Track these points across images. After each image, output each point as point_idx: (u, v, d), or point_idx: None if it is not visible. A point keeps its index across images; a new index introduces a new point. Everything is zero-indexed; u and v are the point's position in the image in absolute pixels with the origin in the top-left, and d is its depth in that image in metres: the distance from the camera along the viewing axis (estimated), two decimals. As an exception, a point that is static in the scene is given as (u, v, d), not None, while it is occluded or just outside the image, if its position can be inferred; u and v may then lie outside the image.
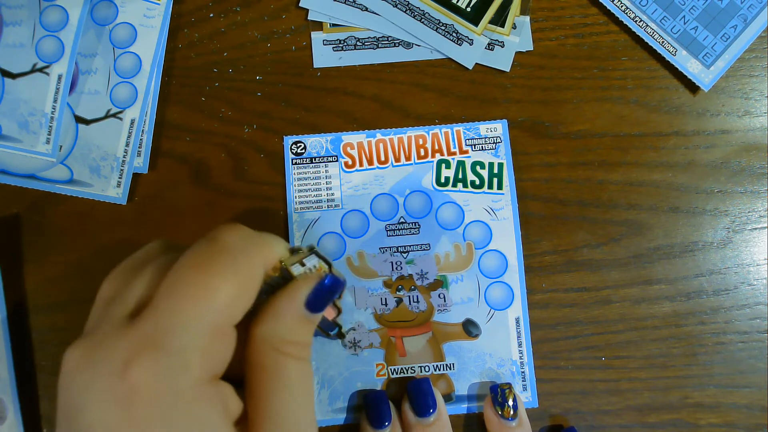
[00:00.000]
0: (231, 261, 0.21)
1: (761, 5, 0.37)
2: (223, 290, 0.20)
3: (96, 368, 0.19)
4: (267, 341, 0.22)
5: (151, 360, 0.19)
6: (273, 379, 0.22)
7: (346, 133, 0.37)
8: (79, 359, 0.20)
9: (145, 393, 0.18)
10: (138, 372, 0.18)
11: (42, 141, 0.35)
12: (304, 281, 0.23)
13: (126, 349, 0.19)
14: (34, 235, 0.37)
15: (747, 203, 0.37)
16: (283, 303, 0.23)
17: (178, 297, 0.20)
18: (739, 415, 0.36)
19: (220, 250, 0.21)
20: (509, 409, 0.33)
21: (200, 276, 0.20)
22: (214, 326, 0.20)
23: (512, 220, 0.36)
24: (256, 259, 0.22)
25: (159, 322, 0.19)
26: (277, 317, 0.22)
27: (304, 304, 0.23)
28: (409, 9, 0.37)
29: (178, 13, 0.38)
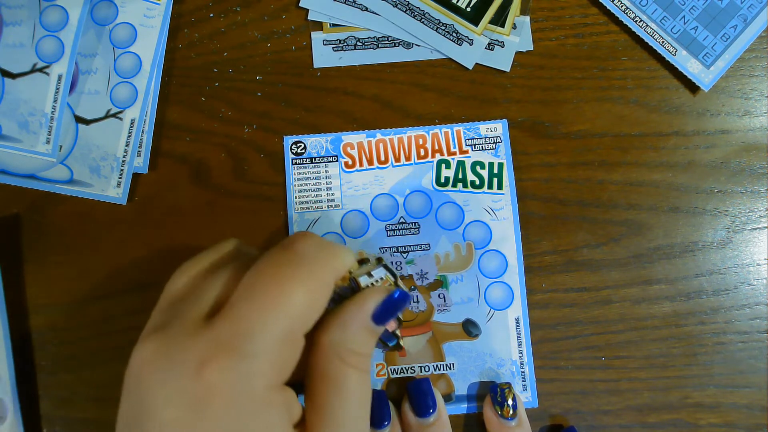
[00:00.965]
0: (306, 269, 0.21)
1: (761, 5, 0.37)
2: (298, 297, 0.20)
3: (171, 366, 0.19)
4: (333, 350, 0.22)
5: (227, 363, 0.19)
6: (335, 388, 0.22)
7: (346, 133, 0.37)
8: (153, 354, 0.20)
9: (219, 395, 0.19)
10: (214, 373, 0.19)
11: (42, 141, 0.35)
12: (373, 293, 0.23)
13: (203, 349, 0.19)
14: (34, 235, 0.37)
15: (747, 203, 0.37)
16: (352, 313, 0.23)
17: (255, 302, 0.20)
18: (739, 415, 0.36)
19: (296, 257, 0.21)
20: (509, 409, 0.33)
21: (277, 282, 0.20)
22: (287, 333, 0.20)
23: (512, 220, 0.36)
24: (328, 268, 0.22)
25: (236, 326, 0.20)
26: (344, 326, 0.23)
27: (371, 316, 0.23)
28: (409, 9, 0.37)
29: (178, 13, 0.38)
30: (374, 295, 0.23)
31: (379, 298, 0.23)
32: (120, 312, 0.36)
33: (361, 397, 0.22)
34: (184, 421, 0.19)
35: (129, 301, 0.36)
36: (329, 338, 0.22)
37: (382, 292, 0.24)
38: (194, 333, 0.20)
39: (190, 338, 0.20)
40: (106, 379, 0.36)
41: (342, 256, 0.23)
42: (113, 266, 0.37)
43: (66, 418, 0.36)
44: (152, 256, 0.37)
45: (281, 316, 0.20)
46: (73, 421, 0.36)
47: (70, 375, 0.36)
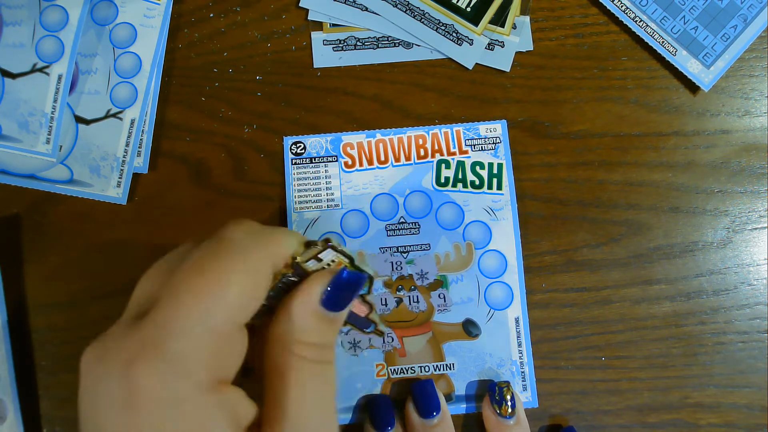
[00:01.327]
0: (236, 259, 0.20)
1: (761, 5, 0.37)
2: (226, 291, 0.19)
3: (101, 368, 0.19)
4: (281, 342, 0.21)
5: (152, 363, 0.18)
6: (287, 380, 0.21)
7: (346, 133, 0.37)
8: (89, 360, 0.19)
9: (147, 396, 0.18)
10: (139, 373, 0.18)
11: (42, 141, 0.35)
12: (319, 277, 0.22)
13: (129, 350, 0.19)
14: (34, 235, 0.37)
15: (747, 203, 0.37)
16: (296, 301, 0.21)
17: (179, 298, 0.19)
18: (739, 415, 0.36)
19: (225, 248, 0.20)
20: (507, 407, 0.33)
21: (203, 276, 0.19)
22: (218, 328, 0.19)
23: (512, 220, 0.36)
24: (263, 255, 0.21)
25: (160, 324, 0.19)
26: (289, 317, 0.21)
27: (320, 302, 0.22)
28: (409, 9, 0.37)
29: (178, 13, 0.38)
30: (319, 280, 0.22)
31: (325, 282, 0.22)
32: (120, 312, 0.36)
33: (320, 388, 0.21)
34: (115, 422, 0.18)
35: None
36: (276, 330, 0.21)
37: (327, 275, 0.22)
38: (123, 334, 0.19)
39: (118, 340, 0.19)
40: (106, 379, 0.36)
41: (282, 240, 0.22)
42: (113, 266, 0.37)
43: (66, 418, 0.36)
44: (152, 256, 0.37)
45: (208, 312, 0.19)
46: (73, 421, 0.36)
47: (70, 375, 0.36)
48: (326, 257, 0.22)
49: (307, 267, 0.22)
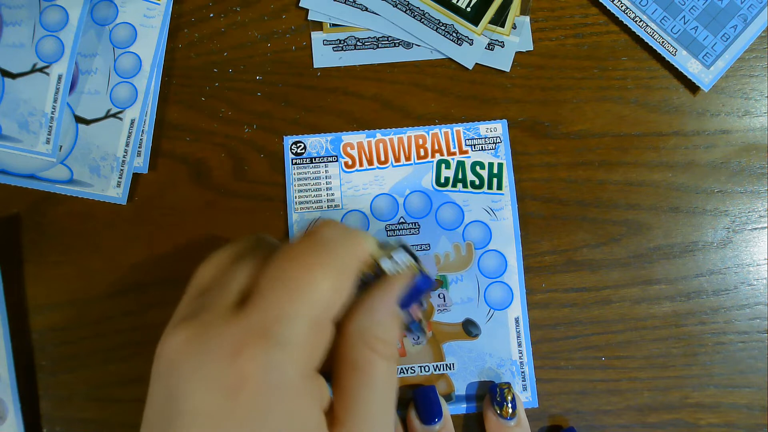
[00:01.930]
0: (332, 256, 0.21)
1: (761, 5, 0.37)
2: (325, 284, 0.20)
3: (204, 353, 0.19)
4: (360, 337, 0.22)
5: (260, 350, 0.19)
6: (363, 375, 0.22)
7: (346, 133, 0.37)
8: (186, 342, 0.20)
9: (253, 382, 0.19)
10: (247, 361, 0.19)
11: (42, 141, 0.35)
12: (400, 278, 0.23)
13: (235, 337, 0.19)
14: (34, 235, 0.37)
15: (747, 203, 0.37)
16: (378, 299, 0.23)
17: (284, 289, 0.20)
18: (739, 415, 0.36)
19: (321, 244, 0.21)
20: (508, 409, 0.33)
21: (304, 269, 0.20)
22: (316, 320, 0.20)
23: (512, 220, 0.36)
24: (353, 254, 0.22)
25: (267, 314, 0.20)
26: (371, 313, 0.22)
27: (398, 302, 0.23)
28: (409, 9, 0.37)
29: (178, 13, 0.38)
30: (400, 281, 0.23)
31: (405, 283, 0.23)
32: (120, 312, 0.36)
33: (388, 385, 0.22)
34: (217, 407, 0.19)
35: (129, 301, 0.36)
36: (356, 325, 0.22)
37: (407, 278, 0.23)
38: (226, 321, 0.20)
39: (222, 326, 0.20)
40: (106, 379, 0.36)
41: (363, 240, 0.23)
42: (113, 266, 0.37)
43: (66, 418, 0.36)
44: (152, 256, 0.37)
45: (310, 303, 0.20)
46: (73, 421, 0.36)
47: (70, 375, 0.36)
48: (398, 258, 0.24)
49: (383, 267, 0.24)
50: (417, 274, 0.24)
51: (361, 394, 0.22)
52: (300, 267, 0.20)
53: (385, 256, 0.24)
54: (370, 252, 0.23)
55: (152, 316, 0.36)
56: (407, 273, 0.24)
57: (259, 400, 0.19)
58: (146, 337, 0.36)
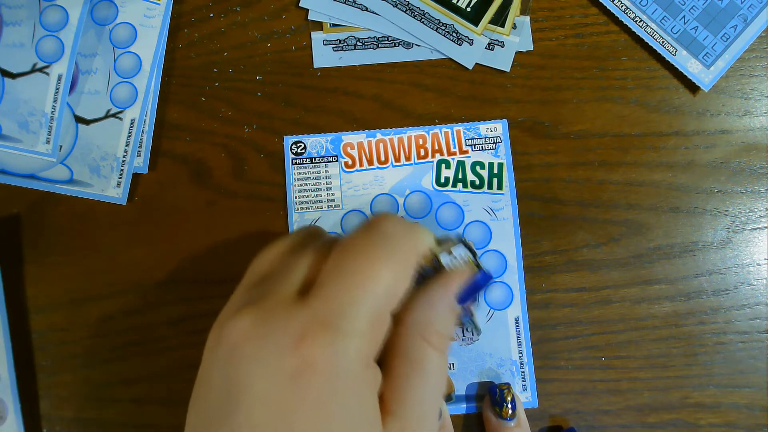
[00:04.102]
0: (392, 249, 0.21)
1: (761, 5, 0.37)
2: (387, 276, 0.20)
3: (268, 340, 0.19)
4: (417, 329, 0.22)
5: (325, 339, 0.19)
6: (417, 367, 0.22)
7: (346, 133, 0.37)
8: (250, 329, 0.20)
9: (317, 370, 0.19)
10: (312, 349, 0.19)
11: (42, 141, 0.35)
12: (459, 274, 0.23)
13: (300, 325, 0.19)
14: (34, 235, 0.37)
15: (747, 203, 0.37)
16: (438, 292, 0.23)
17: (347, 280, 0.20)
18: (739, 415, 0.36)
19: (382, 237, 0.22)
20: (507, 409, 0.33)
21: (366, 261, 0.21)
22: (378, 311, 0.20)
23: (512, 220, 0.36)
24: (413, 248, 0.22)
25: (331, 303, 0.20)
26: (431, 307, 0.23)
27: (456, 297, 0.23)
28: (409, 9, 0.37)
29: (178, 13, 0.38)
30: (460, 276, 0.23)
31: (464, 278, 0.23)
32: (120, 312, 0.36)
33: (438, 377, 0.23)
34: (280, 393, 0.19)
35: (129, 301, 0.36)
36: (414, 318, 0.22)
37: (467, 273, 0.24)
38: (290, 309, 0.20)
39: (286, 313, 0.20)
40: (106, 379, 0.36)
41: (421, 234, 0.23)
42: (113, 266, 0.37)
43: (66, 418, 0.36)
44: (152, 256, 0.37)
45: (372, 295, 0.20)
46: (73, 421, 0.36)
47: (70, 375, 0.36)
48: (456, 252, 0.24)
49: (442, 261, 0.24)
50: (476, 270, 0.24)
51: (413, 384, 0.22)
52: (363, 259, 0.21)
53: (444, 251, 0.24)
54: (429, 246, 0.23)
55: (152, 316, 0.36)
56: (466, 268, 0.24)
57: (322, 387, 0.19)
58: (146, 337, 0.36)
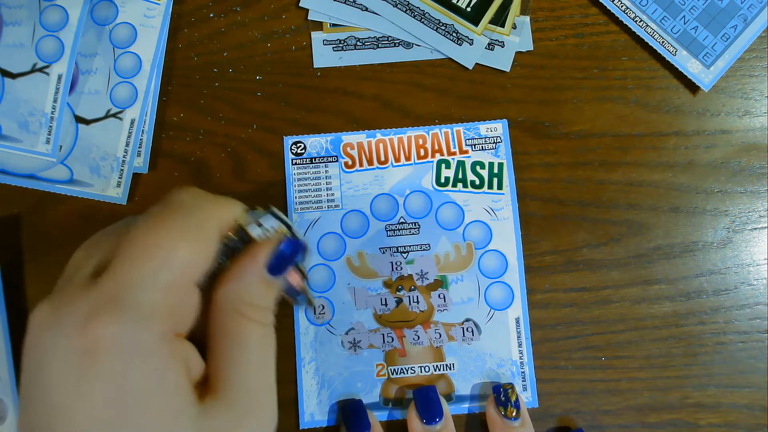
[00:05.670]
0: (185, 219, 0.21)
1: (761, 5, 0.37)
2: (177, 247, 0.20)
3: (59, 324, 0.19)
4: (229, 303, 0.22)
5: (111, 314, 0.19)
6: (232, 340, 0.22)
7: (346, 133, 0.37)
8: (45, 317, 0.20)
9: (105, 347, 0.19)
10: (98, 326, 0.19)
11: (42, 141, 0.35)
12: (266, 243, 0.23)
13: (87, 305, 0.19)
14: (34, 235, 0.37)
15: (747, 203, 0.37)
16: (245, 264, 0.23)
17: (135, 255, 0.20)
18: (739, 415, 0.36)
19: (174, 209, 0.22)
20: (512, 409, 0.33)
21: (154, 235, 0.20)
22: (172, 283, 0.20)
23: (512, 220, 0.36)
24: (210, 217, 0.22)
25: (118, 280, 0.20)
26: (239, 279, 0.22)
27: (266, 267, 0.23)
28: (409, 9, 0.37)
29: (178, 13, 0.38)
30: (267, 245, 0.23)
31: (271, 247, 0.23)
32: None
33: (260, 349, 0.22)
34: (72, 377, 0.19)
35: (129, 301, 0.36)
36: (224, 292, 0.22)
37: (274, 242, 0.23)
38: (80, 292, 0.20)
39: (76, 297, 0.20)
40: (106, 379, 0.36)
41: (226, 206, 0.23)
42: (113, 266, 0.37)
43: (66, 418, 0.36)
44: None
45: (161, 266, 0.20)
46: (73, 421, 0.36)
47: (70, 375, 0.36)
48: (266, 223, 0.24)
49: (250, 232, 0.23)
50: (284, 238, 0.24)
51: (234, 359, 0.22)
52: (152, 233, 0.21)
53: (253, 222, 0.24)
54: (234, 217, 0.23)
55: (152, 316, 0.36)
56: (274, 238, 0.23)
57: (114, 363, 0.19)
58: (146, 337, 0.36)
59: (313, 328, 0.35)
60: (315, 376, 0.35)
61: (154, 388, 0.19)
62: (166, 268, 0.20)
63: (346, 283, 0.36)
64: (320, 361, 0.35)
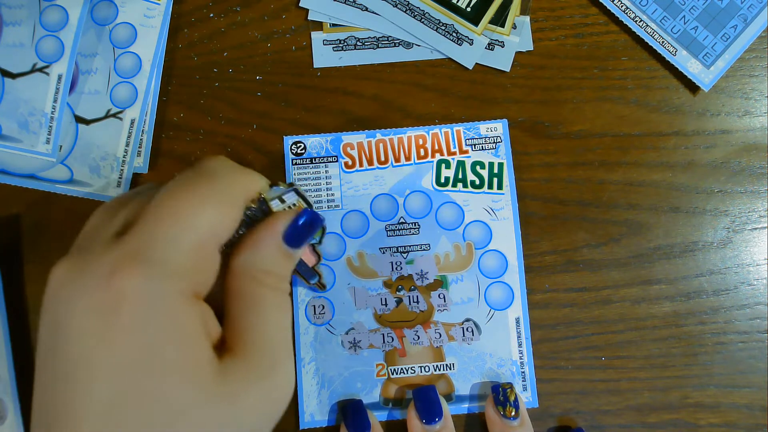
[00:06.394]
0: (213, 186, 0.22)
1: (761, 5, 0.37)
2: (204, 211, 0.21)
3: (82, 280, 0.20)
4: (246, 270, 0.23)
5: (135, 270, 0.19)
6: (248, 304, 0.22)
7: (346, 133, 0.37)
8: (65, 273, 0.20)
9: (129, 301, 0.19)
10: (123, 280, 0.19)
11: (42, 141, 0.35)
12: (284, 214, 0.24)
13: (112, 260, 0.20)
14: (34, 235, 0.37)
15: (747, 203, 0.37)
16: (262, 233, 0.23)
17: (163, 216, 0.21)
18: (739, 415, 0.36)
19: (203, 176, 0.22)
20: (511, 409, 0.33)
21: (184, 198, 0.21)
22: (196, 244, 0.21)
23: (512, 220, 0.36)
24: (237, 186, 0.23)
25: (144, 237, 0.20)
26: (256, 247, 0.23)
27: (282, 237, 0.24)
28: (409, 9, 0.37)
29: (178, 13, 0.38)
30: (285, 216, 0.24)
31: (289, 218, 0.24)
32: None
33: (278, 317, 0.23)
34: (94, 328, 0.19)
35: (129, 301, 0.36)
36: (242, 259, 0.23)
37: (291, 214, 0.24)
38: (104, 249, 0.20)
39: (99, 254, 0.20)
40: (106, 379, 0.36)
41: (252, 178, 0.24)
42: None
43: (66, 418, 0.36)
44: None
45: (187, 228, 0.21)
46: (73, 421, 0.36)
47: (70, 375, 0.36)
48: (289, 199, 0.25)
49: (271, 205, 0.24)
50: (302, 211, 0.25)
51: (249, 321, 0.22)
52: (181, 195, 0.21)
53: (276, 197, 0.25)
54: (258, 189, 0.24)
55: (152, 316, 0.36)
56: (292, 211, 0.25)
57: (136, 315, 0.19)
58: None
59: (313, 328, 0.35)
60: (315, 376, 0.35)
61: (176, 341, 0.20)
62: (191, 229, 0.21)
63: (346, 283, 0.36)
64: (320, 361, 0.35)
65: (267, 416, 0.22)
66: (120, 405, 0.19)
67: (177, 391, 0.19)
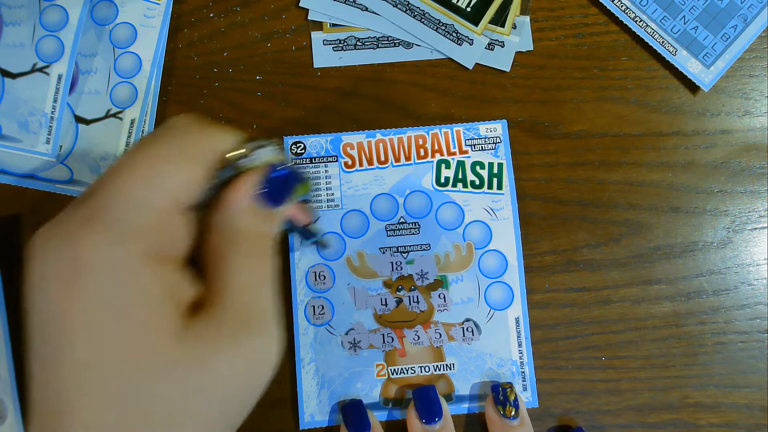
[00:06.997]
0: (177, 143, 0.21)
1: (761, 5, 0.37)
2: (166, 169, 0.20)
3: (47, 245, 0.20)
4: (219, 230, 0.22)
5: (92, 230, 0.19)
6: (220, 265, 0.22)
7: (346, 133, 0.37)
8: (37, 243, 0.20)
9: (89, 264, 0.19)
10: (82, 244, 0.19)
11: (42, 141, 0.35)
12: (253, 172, 0.23)
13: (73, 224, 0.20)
14: (34, 235, 0.37)
15: (747, 203, 0.37)
16: (232, 192, 0.22)
17: (120, 176, 0.20)
18: (739, 415, 0.36)
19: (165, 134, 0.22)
20: (511, 408, 0.33)
21: (144, 156, 0.20)
22: (158, 204, 0.20)
23: (512, 220, 0.36)
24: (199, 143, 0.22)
25: (102, 199, 0.20)
26: (227, 207, 0.22)
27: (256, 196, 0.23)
28: (409, 9, 0.37)
29: (178, 13, 0.38)
30: (253, 174, 0.23)
31: (259, 175, 0.23)
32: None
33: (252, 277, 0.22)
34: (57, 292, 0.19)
35: (129, 301, 0.36)
36: (215, 220, 0.22)
37: (262, 170, 0.23)
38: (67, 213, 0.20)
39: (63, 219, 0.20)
40: (106, 379, 0.36)
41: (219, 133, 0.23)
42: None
43: (66, 418, 0.36)
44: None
45: (148, 188, 0.20)
46: (73, 421, 0.36)
47: (70, 375, 0.36)
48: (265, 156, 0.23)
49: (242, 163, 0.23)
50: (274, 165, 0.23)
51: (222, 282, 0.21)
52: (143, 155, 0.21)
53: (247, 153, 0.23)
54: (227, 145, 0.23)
55: (152, 316, 0.36)
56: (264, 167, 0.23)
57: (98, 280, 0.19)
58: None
59: (313, 328, 0.35)
60: (315, 376, 0.35)
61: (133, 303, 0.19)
62: (152, 189, 0.20)
63: (346, 283, 0.36)
64: (320, 362, 0.35)
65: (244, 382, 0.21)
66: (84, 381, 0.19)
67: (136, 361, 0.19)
